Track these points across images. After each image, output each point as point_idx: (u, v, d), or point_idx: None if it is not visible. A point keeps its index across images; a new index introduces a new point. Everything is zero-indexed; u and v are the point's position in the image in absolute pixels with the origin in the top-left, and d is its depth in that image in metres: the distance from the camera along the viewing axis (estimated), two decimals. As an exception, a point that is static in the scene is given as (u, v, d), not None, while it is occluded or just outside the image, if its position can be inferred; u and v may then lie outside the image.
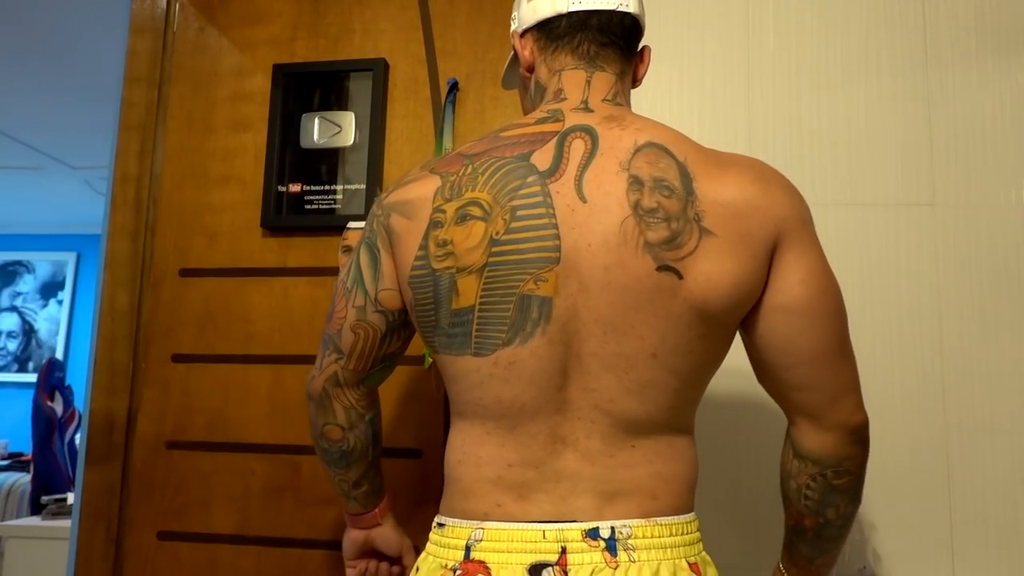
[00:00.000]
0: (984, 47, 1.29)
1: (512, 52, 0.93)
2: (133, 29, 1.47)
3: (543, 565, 0.73)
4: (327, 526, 1.27)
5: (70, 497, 2.60)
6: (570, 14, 0.83)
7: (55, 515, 2.52)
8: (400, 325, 0.87)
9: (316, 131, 1.38)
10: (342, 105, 1.38)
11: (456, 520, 0.79)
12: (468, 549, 0.76)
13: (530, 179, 0.77)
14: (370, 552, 1.00)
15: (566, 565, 0.73)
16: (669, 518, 0.77)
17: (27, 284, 5.09)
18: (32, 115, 3.24)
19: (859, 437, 0.79)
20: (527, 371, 0.76)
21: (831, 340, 0.79)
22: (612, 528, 0.75)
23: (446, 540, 0.79)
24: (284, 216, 1.36)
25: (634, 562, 0.73)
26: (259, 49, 1.43)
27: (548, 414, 0.77)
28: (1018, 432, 1.19)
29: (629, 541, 0.74)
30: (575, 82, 0.84)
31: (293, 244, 1.36)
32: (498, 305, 0.76)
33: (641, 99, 1.36)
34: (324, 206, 1.35)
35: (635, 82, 0.91)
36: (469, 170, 0.79)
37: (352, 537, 0.99)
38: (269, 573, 1.27)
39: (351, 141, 1.36)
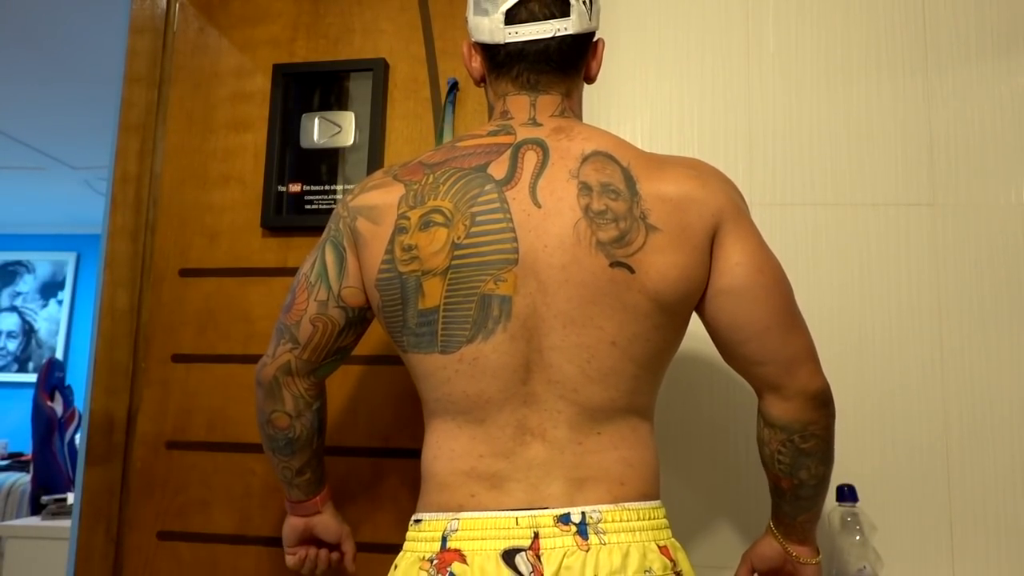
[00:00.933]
0: (984, 48, 1.29)
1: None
2: (133, 29, 1.47)
3: (516, 550, 0.77)
4: (327, 526, 1.27)
5: (70, 497, 2.60)
6: (506, 44, 0.87)
7: (55, 515, 2.52)
8: (358, 321, 0.92)
9: (316, 131, 1.38)
10: (342, 105, 1.38)
11: (432, 514, 0.83)
12: (444, 540, 0.79)
13: (488, 187, 0.82)
14: (310, 539, 1.05)
15: (539, 549, 0.77)
16: (637, 504, 0.81)
17: (27, 284, 5.09)
18: (32, 115, 3.24)
19: (820, 402, 0.85)
20: (491, 366, 0.81)
21: (774, 313, 0.84)
22: (583, 513, 0.78)
23: (423, 535, 0.82)
24: (284, 216, 1.36)
25: (604, 544, 0.77)
26: (259, 49, 1.43)
27: (515, 406, 0.81)
28: (1018, 432, 1.19)
29: (599, 525, 0.78)
30: (520, 105, 0.89)
31: (293, 244, 1.36)
32: (461, 304, 0.81)
33: (641, 100, 1.36)
34: (324, 206, 1.35)
35: (589, 80, 0.95)
36: (431, 179, 0.85)
37: (292, 524, 1.04)
38: (269, 573, 1.27)
39: (351, 141, 1.36)
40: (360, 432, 1.28)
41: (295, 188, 1.36)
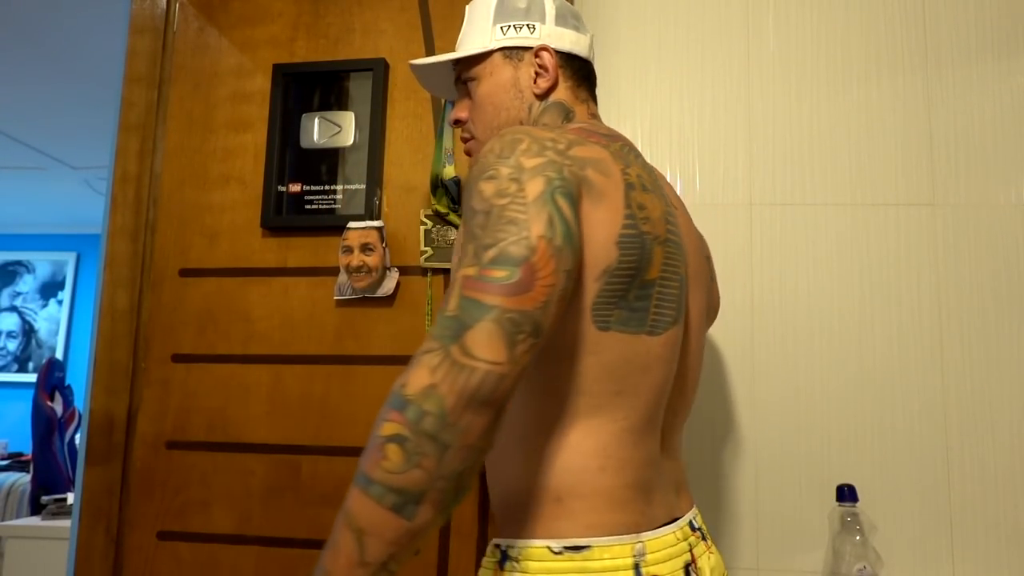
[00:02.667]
0: (984, 48, 1.29)
1: (479, 54, 0.91)
2: (133, 29, 1.47)
3: (688, 564, 0.74)
4: (327, 526, 1.27)
5: (70, 497, 2.60)
6: (587, 62, 0.94)
7: (55, 515, 2.52)
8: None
9: (316, 131, 1.38)
10: (342, 105, 1.38)
11: (606, 538, 0.69)
12: (637, 568, 0.69)
13: (651, 170, 0.84)
14: None
15: (695, 559, 0.76)
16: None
17: (27, 284, 5.09)
18: (32, 115, 3.24)
19: None
20: (674, 356, 0.76)
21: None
22: (692, 518, 0.80)
23: (594, 564, 0.68)
24: (284, 216, 1.36)
25: (710, 544, 0.81)
26: (259, 49, 1.43)
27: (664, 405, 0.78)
28: (1018, 432, 1.19)
29: (703, 528, 0.81)
30: (596, 111, 0.93)
31: (293, 244, 1.36)
32: (671, 282, 0.75)
33: (642, 100, 1.36)
34: (324, 206, 1.35)
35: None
36: (616, 147, 0.79)
37: None
38: (269, 573, 1.27)
39: (351, 141, 1.36)
40: (360, 432, 1.28)
41: (295, 188, 1.36)
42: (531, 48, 0.90)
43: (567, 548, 0.69)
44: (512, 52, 0.91)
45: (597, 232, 0.71)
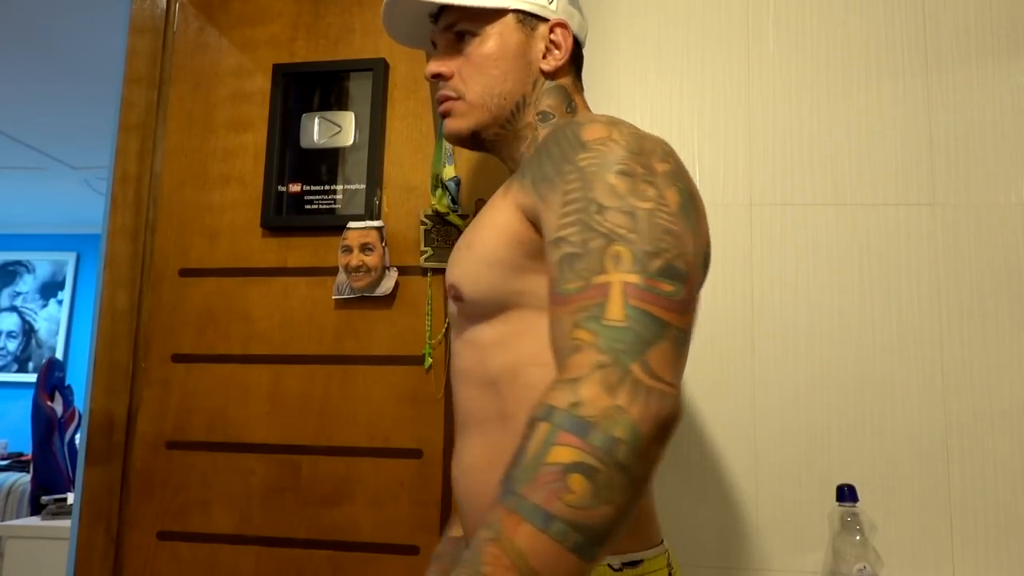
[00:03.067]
0: (984, 49, 1.29)
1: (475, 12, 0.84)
2: (133, 29, 1.47)
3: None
4: (327, 526, 1.27)
5: (70, 497, 2.60)
6: (581, 51, 0.91)
7: (55, 515, 2.52)
8: None
9: (316, 131, 1.38)
10: (342, 105, 1.38)
11: (651, 551, 0.71)
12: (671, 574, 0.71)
13: None
14: None
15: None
16: None
17: (27, 284, 5.09)
18: (32, 115, 3.24)
19: None
20: None
21: None
22: None
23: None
24: (284, 216, 1.36)
25: None
26: (259, 49, 1.43)
27: None
28: (1018, 431, 1.19)
29: None
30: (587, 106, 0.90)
31: (293, 244, 1.36)
32: None
33: (643, 100, 1.36)
34: (324, 206, 1.35)
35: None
36: None
37: None
38: (269, 573, 1.27)
39: (351, 141, 1.36)
40: (360, 432, 1.28)
41: (295, 188, 1.36)
42: (547, 20, 0.84)
43: (625, 564, 0.68)
44: (527, 18, 0.84)
45: (704, 246, 0.71)
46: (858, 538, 1.10)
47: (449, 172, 1.29)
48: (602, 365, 0.54)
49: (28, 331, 5.02)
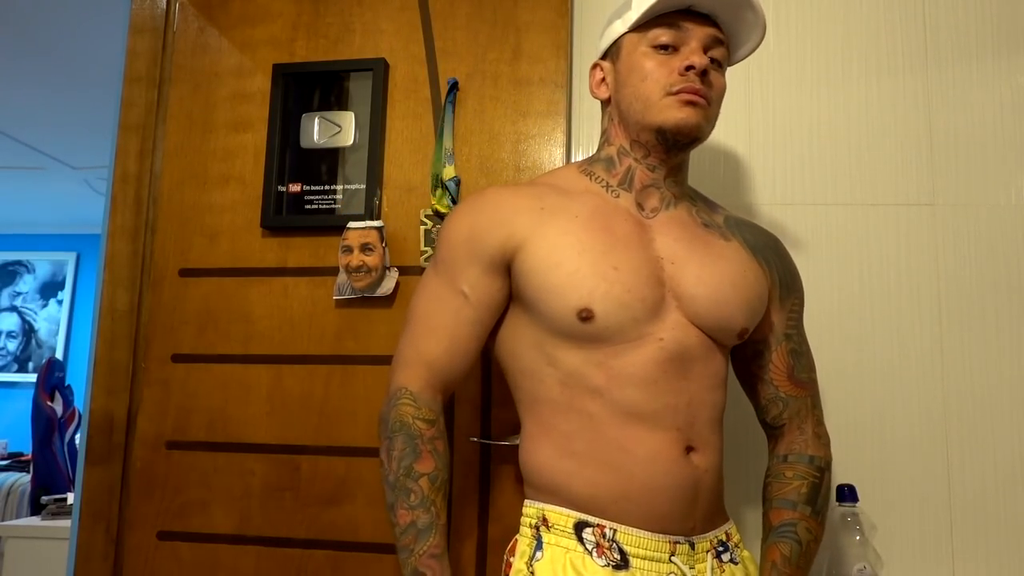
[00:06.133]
0: (984, 47, 1.29)
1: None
2: (133, 29, 1.47)
3: None
4: (327, 526, 1.27)
5: (70, 497, 2.60)
6: None
7: (55, 515, 2.52)
8: None
9: (316, 131, 1.38)
10: (342, 105, 1.38)
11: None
12: None
13: None
14: None
15: None
16: None
17: (27, 284, 5.09)
18: (32, 115, 3.23)
19: None
20: None
21: None
22: None
23: None
24: (284, 216, 1.36)
25: None
26: (259, 49, 1.43)
27: None
28: (1018, 431, 1.19)
29: None
30: None
31: (293, 244, 1.36)
32: None
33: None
34: (324, 206, 1.35)
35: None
36: None
37: None
38: (269, 573, 1.27)
39: (351, 141, 1.36)
40: (360, 432, 1.28)
41: (295, 188, 1.36)
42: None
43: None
44: None
45: None
46: (858, 538, 1.10)
47: (449, 172, 1.29)
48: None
49: (28, 331, 5.02)
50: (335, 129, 1.37)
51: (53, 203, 4.58)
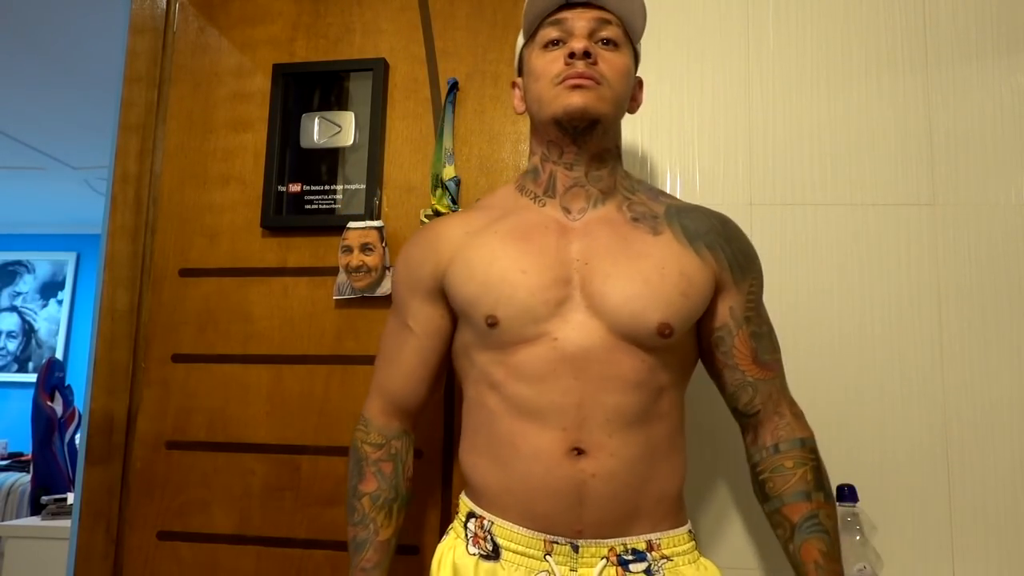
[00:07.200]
0: (984, 47, 1.29)
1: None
2: (133, 29, 1.47)
3: None
4: (327, 526, 1.27)
5: (70, 497, 2.60)
6: None
7: (55, 515, 2.52)
8: None
9: (316, 131, 1.38)
10: (342, 105, 1.38)
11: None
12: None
13: None
14: None
15: None
16: None
17: (27, 284, 5.09)
18: (32, 115, 3.23)
19: None
20: None
21: None
22: None
23: None
24: (284, 216, 1.36)
25: None
26: (259, 49, 1.43)
27: None
28: (1018, 432, 1.19)
29: None
30: None
31: (293, 244, 1.36)
32: None
33: (643, 101, 1.36)
34: (324, 206, 1.35)
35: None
36: None
37: None
38: (269, 573, 1.27)
39: (351, 141, 1.36)
40: (360, 432, 1.28)
41: (295, 188, 1.36)
42: (639, 80, 1.04)
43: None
44: (636, 64, 1.00)
45: None
46: (858, 538, 1.10)
47: (449, 172, 1.29)
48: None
49: (28, 331, 5.02)
50: (335, 129, 1.37)
51: (53, 203, 4.58)
